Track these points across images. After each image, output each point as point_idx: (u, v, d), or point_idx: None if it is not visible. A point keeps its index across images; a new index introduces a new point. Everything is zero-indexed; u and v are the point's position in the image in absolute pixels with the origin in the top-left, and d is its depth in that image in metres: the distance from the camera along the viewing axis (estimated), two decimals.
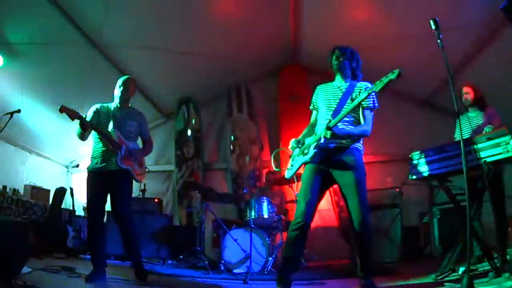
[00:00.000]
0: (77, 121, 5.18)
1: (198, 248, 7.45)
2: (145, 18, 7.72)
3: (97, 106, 5.60)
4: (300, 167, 4.52)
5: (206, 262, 6.85)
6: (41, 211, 8.61)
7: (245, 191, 9.29)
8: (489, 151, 4.31)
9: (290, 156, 4.73)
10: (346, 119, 4.36)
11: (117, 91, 5.61)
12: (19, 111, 6.62)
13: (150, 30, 8.09)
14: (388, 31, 7.95)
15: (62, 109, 5.08)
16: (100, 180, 5.29)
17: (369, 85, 4.43)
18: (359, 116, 4.48)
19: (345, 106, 4.37)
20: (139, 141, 5.87)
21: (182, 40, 8.56)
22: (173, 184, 10.57)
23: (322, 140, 4.24)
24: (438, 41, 4.11)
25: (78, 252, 7.69)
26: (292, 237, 4.18)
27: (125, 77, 5.78)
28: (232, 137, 10.42)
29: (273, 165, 5.34)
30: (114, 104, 5.64)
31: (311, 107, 4.81)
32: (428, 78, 8.75)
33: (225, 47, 9.08)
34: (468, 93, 5.87)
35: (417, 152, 5.17)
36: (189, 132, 10.60)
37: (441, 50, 4.10)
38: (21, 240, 4.46)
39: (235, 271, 6.68)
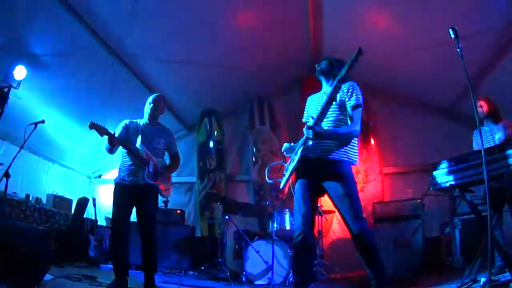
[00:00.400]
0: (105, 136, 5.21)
1: (220, 260, 7.41)
2: (168, 30, 7.72)
3: (126, 122, 5.68)
4: (292, 174, 4.38)
5: (228, 274, 6.80)
6: (63, 220, 8.66)
7: (267, 202, 9.23)
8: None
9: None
10: (331, 120, 4.22)
11: (147, 108, 5.66)
12: (43, 121, 6.71)
13: (172, 43, 8.09)
14: (407, 41, 7.89)
15: (92, 126, 5.12)
16: (127, 193, 5.35)
17: (348, 85, 4.24)
18: (347, 118, 4.21)
19: (329, 110, 4.21)
20: (166, 156, 5.92)
21: (204, 53, 8.55)
22: (195, 196, 10.56)
23: (309, 143, 4.14)
24: (458, 50, 4.02)
25: (99, 262, 7.69)
26: (297, 250, 4.15)
27: (155, 94, 5.86)
28: (254, 149, 10.38)
29: (266, 178, 5.03)
30: (143, 120, 5.71)
31: (303, 120, 4.67)
32: (447, 87, 8.60)
33: (247, 59, 9.07)
34: (482, 106, 5.81)
35: (438, 163, 5.09)
36: (211, 144, 10.58)
37: (460, 59, 3.99)
38: (43, 248, 4.46)
39: (256, 282, 6.64)
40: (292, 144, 4.52)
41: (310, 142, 4.14)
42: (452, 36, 4.05)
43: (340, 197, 4.00)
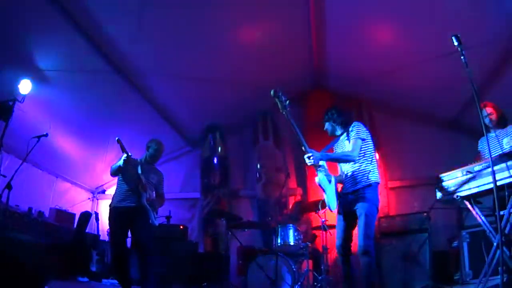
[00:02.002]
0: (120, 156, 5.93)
1: (223, 276, 7.33)
2: (173, 46, 7.75)
3: (126, 156, 6.02)
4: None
5: None
6: (66, 235, 8.60)
7: (270, 218, 9.18)
8: None
9: None
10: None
11: (151, 150, 6.50)
12: (46, 135, 6.74)
13: (176, 58, 8.09)
14: (411, 53, 7.89)
15: (119, 141, 5.81)
16: (122, 216, 5.91)
17: (357, 123, 5.23)
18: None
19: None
20: None
21: (208, 68, 8.56)
22: (199, 212, 10.48)
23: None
24: (462, 57, 4.00)
25: (101, 276, 7.63)
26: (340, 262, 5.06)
27: (159, 141, 6.63)
28: (258, 165, 10.32)
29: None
30: (143, 158, 6.53)
31: None
32: (452, 100, 8.63)
33: (251, 74, 9.07)
34: (492, 113, 5.71)
35: (444, 174, 5.04)
36: (215, 160, 10.52)
37: (464, 68, 3.98)
38: (43, 261, 4.42)
39: None
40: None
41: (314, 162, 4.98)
42: (456, 43, 4.02)
43: (359, 217, 4.83)
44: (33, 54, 7.18)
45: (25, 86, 7.17)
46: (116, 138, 5.74)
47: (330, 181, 4.95)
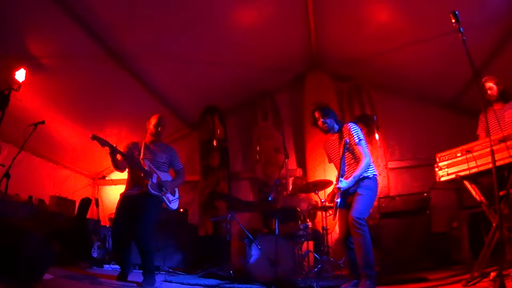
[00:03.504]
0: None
1: (223, 258, 7.36)
2: (169, 28, 7.72)
3: (130, 143, 6.01)
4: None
5: (232, 272, 6.74)
6: (66, 222, 8.63)
7: (270, 199, 9.18)
8: None
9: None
10: (347, 162, 5.20)
11: (151, 127, 6.07)
12: (43, 122, 6.69)
13: (173, 41, 8.08)
14: (409, 33, 7.86)
15: (93, 137, 5.32)
16: (127, 203, 5.63)
17: (352, 125, 5.23)
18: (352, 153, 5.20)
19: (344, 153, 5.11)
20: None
21: (206, 50, 8.55)
22: (199, 194, 10.50)
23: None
24: (460, 34, 3.94)
25: (102, 262, 7.65)
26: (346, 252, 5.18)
27: (158, 115, 6.19)
28: (258, 146, 10.31)
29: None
30: (147, 138, 6.11)
31: (329, 161, 5.70)
32: (452, 80, 8.61)
33: (249, 56, 9.04)
34: (491, 89, 5.63)
35: (444, 154, 5.01)
36: (214, 142, 10.53)
37: (463, 47, 3.93)
38: (43, 248, 4.43)
39: (260, 280, 6.55)
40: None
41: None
42: (453, 20, 3.97)
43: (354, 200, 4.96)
44: (27, 42, 7.15)
45: (20, 74, 7.15)
46: (91, 136, 5.32)
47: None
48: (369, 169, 5.08)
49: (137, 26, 7.40)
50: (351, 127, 5.17)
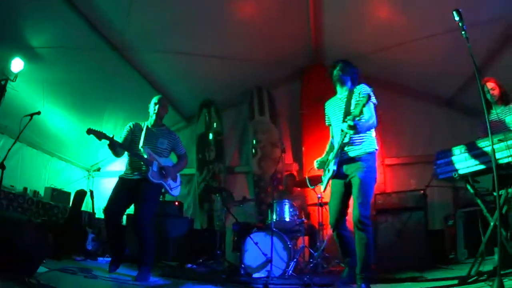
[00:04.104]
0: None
1: (218, 252, 7.35)
2: (166, 21, 7.67)
3: (131, 124, 5.90)
4: (328, 182, 4.95)
5: (226, 266, 6.74)
6: (61, 213, 8.62)
7: (266, 194, 9.18)
8: None
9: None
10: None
11: (152, 109, 5.94)
12: (39, 112, 6.63)
13: (171, 34, 8.05)
14: (410, 29, 7.80)
15: (89, 131, 5.29)
16: (126, 187, 5.54)
17: (365, 87, 4.87)
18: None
19: (351, 109, 4.75)
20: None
21: (203, 43, 8.48)
22: (194, 188, 10.51)
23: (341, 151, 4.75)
24: (463, 32, 3.92)
25: (97, 255, 7.62)
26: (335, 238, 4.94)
27: (159, 96, 6.15)
28: (254, 140, 10.29)
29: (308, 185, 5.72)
30: (148, 121, 5.96)
31: (327, 123, 5.26)
32: (451, 78, 8.56)
33: (247, 49, 9.00)
34: (493, 89, 5.61)
35: (442, 152, 4.99)
36: (210, 136, 10.52)
37: (465, 43, 3.89)
38: (38, 240, 4.41)
39: (255, 275, 6.54)
40: (323, 158, 5.11)
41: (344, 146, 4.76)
42: (456, 18, 3.94)
43: (355, 185, 4.60)
44: (24, 32, 7.10)
45: (17, 65, 7.12)
46: (87, 130, 5.27)
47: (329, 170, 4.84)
48: (372, 142, 4.83)
49: (136, 17, 7.32)
50: (364, 87, 4.85)
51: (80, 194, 8.30)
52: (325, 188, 4.99)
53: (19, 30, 7.01)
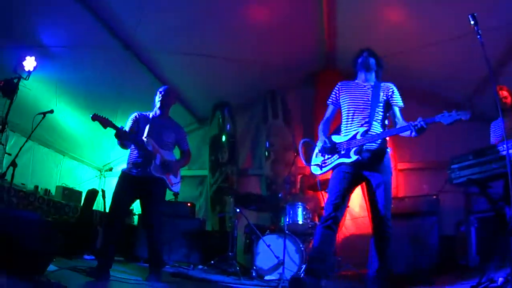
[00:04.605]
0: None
1: (230, 254, 7.29)
2: (181, 22, 7.64)
3: (136, 114, 5.68)
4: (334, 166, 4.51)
5: (238, 268, 6.67)
6: (72, 212, 8.60)
7: (280, 195, 9.12)
8: None
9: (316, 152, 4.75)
10: (377, 118, 4.53)
11: (157, 99, 5.69)
12: (52, 111, 6.63)
13: (185, 35, 8.01)
14: (422, 34, 7.74)
15: (94, 117, 5.07)
16: (131, 185, 5.32)
17: (392, 86, 4.74)
18: (384, 115, 4.62)
19: (377, 108, 4.55)
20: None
21: (217, 45, 8.47)
22: (207, 189, 10.48)
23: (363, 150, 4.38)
24: (478, 37, 3.84)
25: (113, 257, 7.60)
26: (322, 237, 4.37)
27: (165, 86, 5.94)
28: (267, 143, 10.25)
29: (302, 159, 5.29)
30: (153, 112, 5.72)
31: (330, 102, 4.86)
32: (463, 82, 8.48)
33: (260, 52, 8.96)
34: (506, 97, 5.58)
35: (456, 157, 4.91)
36: (223, 138, 10.48)
37: (480, 48, 3.82)
38: (48, 239, 4.38)
39: (267, 277, 6.50)
40: (325, 139, 4.62)
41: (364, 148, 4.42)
42: (472, 22, 3.86)
43: (379, 186, 4.35)
44: (38, 31, 7.12)
45: (29, 63, 7.11)
46: (92, 116, 5.05)
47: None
48: (386, 142, 4.59)
49: (151, 18, 7.30)
50: (396, 89, 4.72)
51: (92, 194, 8.27)
52: (323, 173, 4.59)
53: (33, 29, 7.03)
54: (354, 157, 4.33)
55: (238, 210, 7.51)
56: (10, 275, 3.63)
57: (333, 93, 4.84)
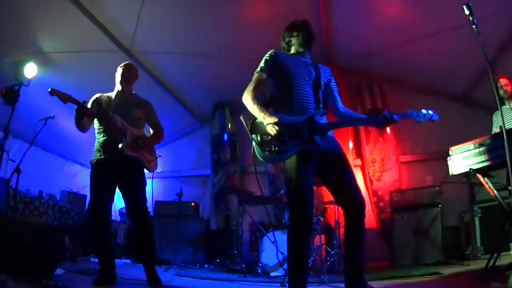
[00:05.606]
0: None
1: (235, 252, 7.33)
2: (180, 23, 7.68)
3: (97, 95, 5.18)
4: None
5: (243, 265, 6.70)
6: (77, 216, 8.64)
7: (282, 191, 9.14)
8: None
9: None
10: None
11: (118, 75, 5.17)
12: (53, 116, 6.66)
13: (183, 35, 8.06)
14: (421, 26, 7.74)
15: (52, 92, 4.60)
16: (106, 172, 4.77)
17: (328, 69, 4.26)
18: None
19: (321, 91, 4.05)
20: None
21: (215, 45, 8.48)
22: (210, 188, 10.53)
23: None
24: (473, 26, 3.81)
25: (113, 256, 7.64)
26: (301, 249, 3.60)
27: (125, 62, 5.41)
28: None
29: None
30: (115, 91, 5.20)
31: (261, 71, 4.16)
32: (464, 73, 8.53)
33: (259, 50, 8.92)
34: (506, 85, 5.58)
35: (457, 147, 4.93)
36: (225, 137, 10.54)
37: (476, 38, 3.80)
38: (55, 243, 4.43)
39: (272, 274, 6.52)
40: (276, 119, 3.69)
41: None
42: (467, 12, 3.86)
43: (343, 167, 3.75)
44: (37, 37, 7.15)
45: (30, 70, 7.15)
46: (49, 90, 4.56)
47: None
48: None
49: (149, 19, 7.32)
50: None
51: None
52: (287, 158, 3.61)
53: (32, 36, 7.06)
54: (317, 140, 3.69)
55: (242, 208, 7.54)
56: (18, 278, 3.67)
57: (269, 62, 4.23)
